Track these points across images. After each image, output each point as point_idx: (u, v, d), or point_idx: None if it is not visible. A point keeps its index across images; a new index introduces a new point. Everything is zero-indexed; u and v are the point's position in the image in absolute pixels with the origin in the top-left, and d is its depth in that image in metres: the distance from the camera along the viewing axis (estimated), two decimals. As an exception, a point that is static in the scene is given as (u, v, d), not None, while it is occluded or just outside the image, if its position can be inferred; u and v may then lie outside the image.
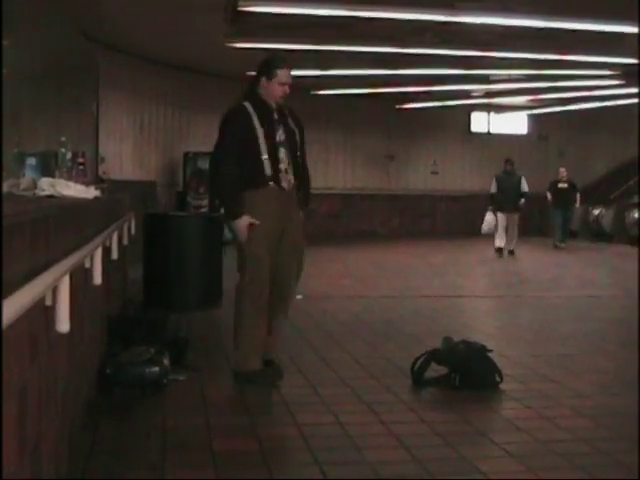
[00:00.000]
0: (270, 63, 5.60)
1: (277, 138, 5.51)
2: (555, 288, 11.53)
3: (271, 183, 5.47)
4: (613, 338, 7.69)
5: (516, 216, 16.86)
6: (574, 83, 18.09)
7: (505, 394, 5.35)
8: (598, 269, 14.69)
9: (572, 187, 19.28)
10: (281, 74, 5.53)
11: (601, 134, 23.86)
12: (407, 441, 4.26)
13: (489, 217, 16.73)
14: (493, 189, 17.05)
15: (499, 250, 16.74)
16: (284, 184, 5.51)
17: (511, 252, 16.80)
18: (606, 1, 10.57)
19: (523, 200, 16.79)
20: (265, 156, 5.44)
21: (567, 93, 19.95)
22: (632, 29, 11.22)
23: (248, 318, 5.50)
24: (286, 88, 5.53)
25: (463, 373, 5.40)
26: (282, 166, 5.50)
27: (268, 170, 5.45)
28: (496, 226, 16.64)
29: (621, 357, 6.76)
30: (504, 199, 16.67)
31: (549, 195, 19.32)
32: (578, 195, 19.29)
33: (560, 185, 19.24)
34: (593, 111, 22.05)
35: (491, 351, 5.62)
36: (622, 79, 16.66)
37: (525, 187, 16.78)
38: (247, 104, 5.55)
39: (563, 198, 19.09)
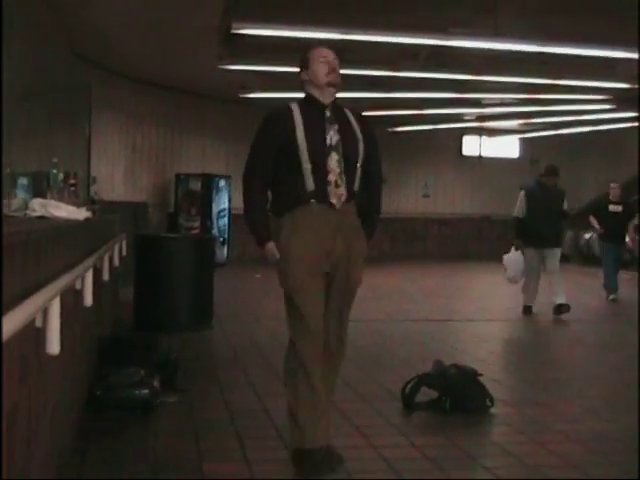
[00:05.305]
0: (302, 54, 4.39)
1: (327, 141, 4.18)
2: (546, 312, 11.51)
3: (313, 200, 4.13)
4: (605, 363, 7.69)
5: (557, 252, 10.79)
6: (566, 107, 18.19)
7: (496, 418, 5.34)
8: (590, 293, 14.68)
9: (629, 210, 13.25)
10: (316, 52, 4.32)
11: (592, 158, 23.92)
12: (397, 465, 4.25)
13: (514, 257, 10.82)
14: (519, 210, 10.85)
15: (528, 309, 10.93)
16: (333, 199, 4.14)
17: (561, 308, 10.61)
18: (598, 27, 10.66)
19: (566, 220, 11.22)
20: (307, 165, 4.13)
21: (559, 117, 20.05)
22: (623, 54, 11.32)
23: (300, 383, 4.19)
24: (331, 61, 4.26)
25: (454, 397, 5.39)
26: (331, 177, 4.14)
27: (310, 183, 4.12)
28: (525, 270, 10.77)
29: (613, 382, 6.76)
30: (539, 227, 10.58)
31: (594, 222, 13.29)
32: (632, 223, 13.42)
33: (612, 208, 13.04)
34: (584, 135, 22.12)
35: (482, 375, 5.61)
36: (614, 104, 16.76)
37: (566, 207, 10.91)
38: (294, 104, 4.30)
39: (616, 226, 12.99)
